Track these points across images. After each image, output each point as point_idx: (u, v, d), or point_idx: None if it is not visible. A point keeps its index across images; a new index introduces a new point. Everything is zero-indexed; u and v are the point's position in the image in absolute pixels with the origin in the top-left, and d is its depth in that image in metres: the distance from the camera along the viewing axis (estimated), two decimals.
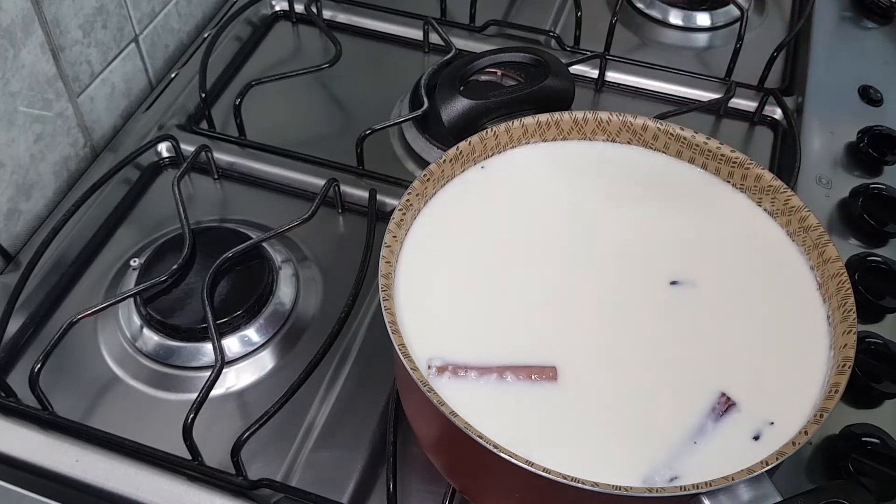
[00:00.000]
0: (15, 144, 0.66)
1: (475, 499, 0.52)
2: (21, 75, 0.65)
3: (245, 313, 0.62)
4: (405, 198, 0.51)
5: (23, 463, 0.55)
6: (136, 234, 0.70)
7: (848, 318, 0.46)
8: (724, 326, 0.49)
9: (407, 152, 0.76)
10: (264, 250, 0.65)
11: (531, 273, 0.51)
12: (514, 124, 0.55)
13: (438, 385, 0.46)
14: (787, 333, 0.49)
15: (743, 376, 0.47)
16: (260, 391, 0.60)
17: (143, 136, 0.75)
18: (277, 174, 0.73)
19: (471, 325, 0.49)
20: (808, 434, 0.42)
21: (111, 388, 0.60)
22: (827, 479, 0.56)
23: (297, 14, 0.88)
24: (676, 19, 0.89)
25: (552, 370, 0.46)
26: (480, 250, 0.52)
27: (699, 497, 0.40)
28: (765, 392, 0.46)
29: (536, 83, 0.71)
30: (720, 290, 0.51)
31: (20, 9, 0.63)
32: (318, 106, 0.81)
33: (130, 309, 0.62)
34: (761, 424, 0.45)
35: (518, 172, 0.56)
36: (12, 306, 0.61)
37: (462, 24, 0.86)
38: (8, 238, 0.68)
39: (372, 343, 0.63)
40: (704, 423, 0.45)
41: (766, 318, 0.49)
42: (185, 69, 0.81)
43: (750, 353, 0.48)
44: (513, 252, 0.52)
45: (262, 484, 0.54)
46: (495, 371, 0.47)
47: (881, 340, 0.60)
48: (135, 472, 0.54)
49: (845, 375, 0.44)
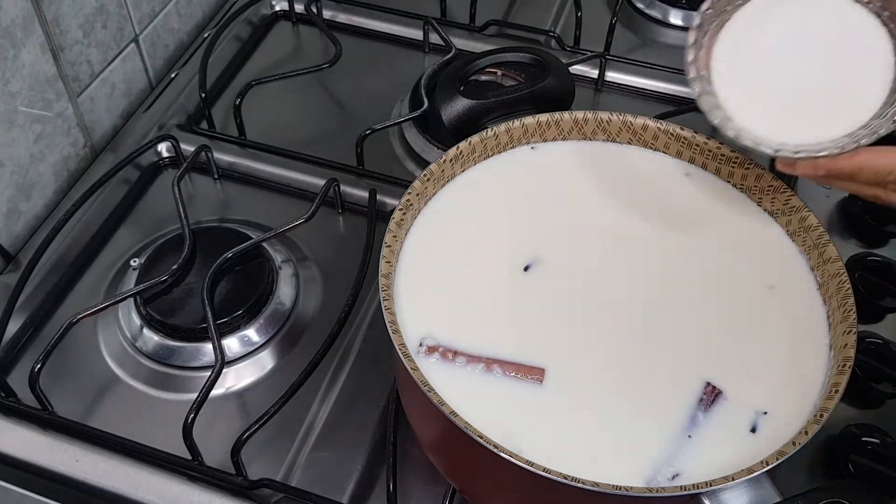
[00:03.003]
0: (15, 144, 0.66)
1: (475, 498, 0.52)
2: (21, 75, 0.65)
3: (245, 313, 0.62)
4: (405, 198, 0.51)
5: (23, 463, 0.55)
6: (136, 234, 0.70)
7: (848, 318, 0.46)
8: (722, 325, 0.49)
9: (407, 152, 0.76)
10: (264, 250, 0.65)
11: (530, 273, 0.51)
12: (514, 124, 0.55)
13: (426, 365, 0.46)
14: (786, 333, 0.49)
15: (734, 369, 0.47)
16: (260, 391, 0.60)
17: (143, 136, 0.75)
18: (277, 174, 0.73)
19: (470, 325, 0.49)
20: (808, 434, 0.42)
21: (111, 388, 0.60)
22: (827, 479, 0.56)
23: (297, 14, 0.88)
24: (676, 19, 0.89)
25: (540, 371, 0.47)
26: (480, 250, 0.52)
27: (699, 497, 0.40)
28: (755, 383, 0.47)
29: (536, 83, 0.71)
30: (720, 290, 0.51)
31: (20, 9, 0.63)
32: (318, 106, 0.81)
33: (130, 309, 0.62)
34: (754, 415, 0.45)
35: (518, 172, 0.56)
36: (12, 306, 0.61)
37: (462, 24, 0.86)
38: (8, 238, 0.68)
39: (372, 343, 0.63)
40: (694, 414, 0.45)
41: (765, 318, 0.49)
42: (185, 69, 0.81)
43: (746, 350, 0.48)
44: (512, 252, 0.52)
45: (262, 484, 0.54)
46: (483, 361, 0.47)
47: (881, 340, 0.60)
48: (135, 472, 0.54)
49: (845, 375, 0.44)
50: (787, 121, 0.49)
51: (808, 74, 0.50)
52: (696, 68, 0.51)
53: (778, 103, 0.50)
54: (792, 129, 0.49)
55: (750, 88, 0.51)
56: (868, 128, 0.47)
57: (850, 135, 0.47)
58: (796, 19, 0.51)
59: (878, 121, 0.47)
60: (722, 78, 0.51)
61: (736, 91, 0.51)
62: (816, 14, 0.51)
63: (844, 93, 0.49)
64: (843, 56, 0.50)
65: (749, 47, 0.51)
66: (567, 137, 0.57)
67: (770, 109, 0.50)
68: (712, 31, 0.51)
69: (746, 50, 0.51)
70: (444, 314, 0.49)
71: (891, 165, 0.46)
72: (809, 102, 0.50)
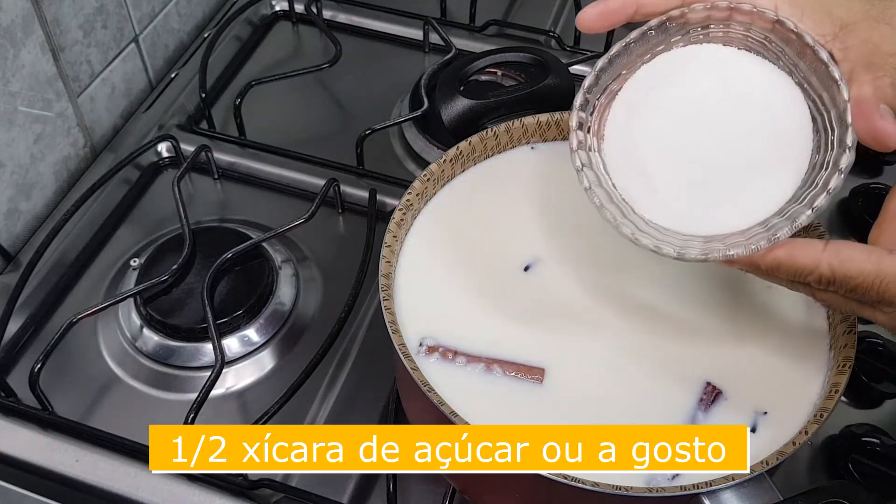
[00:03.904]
0: (15, 144, 0.66)
1: (475, 498, 0.52)
2: (21, 75, 0.65)
3: (245, 313, 0.62)
4: (405, 198, 0.51)
5: (23, 463, 0.55)
6: (136, 234, 0.70)
7: (848, 318, 0.46)
8: (722, 325, 0.49)
9: (407, 152, 0.76)
10: (264, 250, 0.65)
11: (530, 273, 0.51)
12: (514, 124, 0.55)
13: (426, 365, 0.46)
14: (786, 333, 0.49)
15: (734, 369, 0.47)
16: (260, 391, 0.60)
17: (143, 136, 0.75)
18: (277, 174, 0.73)
19: (470, 325, 0.49)
20: (808, 434, 0.42)
21: (111, 388, 0.60)
22: (827, 479, 0.56)
23: (297, 14, 0.88)
24: None
25: (540, 371, 0.47)
26: (480, 250, 0.52)
27: (699, 497, 0.40)
28: (755, 383, 0.47)
29: (536, 83, 0.71)
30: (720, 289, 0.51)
31: (20, 9, 0.63)
32: (318, 106, 0.81)
33: (130, 309, 0.62)
34: (754, 415, 0.45)
35: (518, 172, 0.56)
36: (12, 306, 0.61)
37: (462, 24, 0.86)
38: (8, 238, 0.68)
39: (372, 343, 0.63)
40: (694, 414, 0.45)
41: (765, 318, 0.49)
42: (185, 69, 0.81)
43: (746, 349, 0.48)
44: (512, 252, 0.52)
45: (262, 484, 0.54)
46: (483, 361, 0.47)
47: (881, 340, 0.60)
48: (135, 472, 0.54)
49: (845, 375, 0.44)
50: (693, 210, 0.44)
51: (716, 150, 0.44)
52: (586, 153, 0.45)
53: (683, 190, 0.44)
54: (701, 219, 0.43)
55: (648, 174, 0.44)
56: (784, 215, 0.41)
57: (765, 223, 0.42)
58: (695, 83, 0.44)
59: (796, 206, 0.41)
60: (616, 164, 0.45)
61: (632, 179, 0.45)
62: (719, 76, 0.44)
63: (759, 170, 0.43)
64: (754, 127, 0.43)
65: (643, 122, 0.45)
66: (567, 137, 0.57)
67: (672, 197, 0.44)
68: (602, 106, 0.45)
69: (640, 127, 0.45)
70: (444, 314, 0.49)
71: (811, 265, 0.39)
72: (719, 185, 0.43)
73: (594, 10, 0.43)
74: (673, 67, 0.45)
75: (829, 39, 0.42)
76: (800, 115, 0.43)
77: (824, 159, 0.41)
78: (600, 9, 0.43)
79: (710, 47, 0.45)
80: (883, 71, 0.40)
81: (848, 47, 0.41)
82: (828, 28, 0.42)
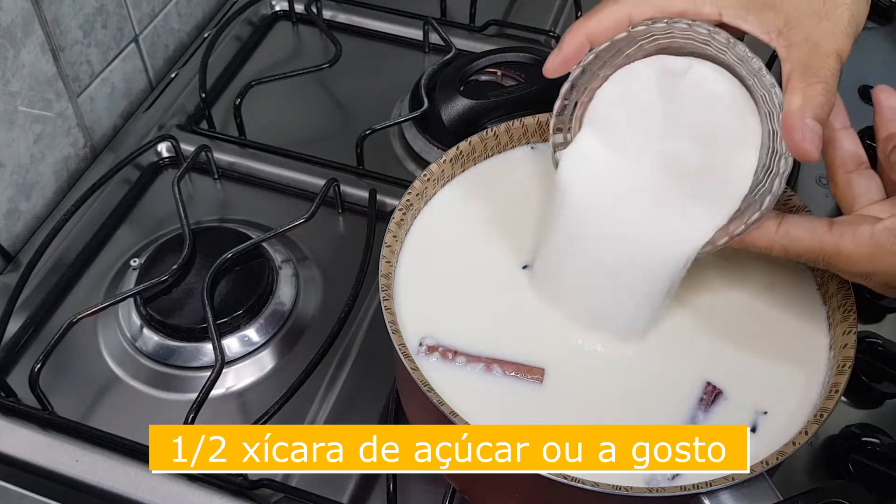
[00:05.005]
0: (15, 144, 0.66)
1: (475, 498, 0.52)
2: (21, 75, 0.65)
3: (245, 313, 0.62)
4: (405, 198, 0.51)
5: (23, 463, 0.55)
6: (136, 234, 0.70)
7: (848, 318, 0.46)
8: (722, 325, 0.49)
9: (407, 152, 0.76)
10: (264, 250, 0.65)
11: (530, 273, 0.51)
12: (514, 124, 0.55)
13: (426, 365, 0.46)
14: (786, 333, 0.49)
15: (734, 369, 0.47)
16: (260, 391, 0.60)
17: (143, 136, 0.75)
18: (277, 174, 0.73)
19: (470, 325, 0.49)
20: (808, 434, 0.42)
21: (111, 388, 0.60)
22: (827, 479, 0.56)
23: (297, 14, 0.88)
24: None
25: (540, 371, 0.47)
26: (480, 250, 0.52)
27: (699, 497, 0.40)
28: (755, 383, 0.47)
29: (536, 83, 0.71)
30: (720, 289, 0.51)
31: (20, 9, 0.63)
32: (318, 106, 0.81)
33: (130, 309, 0.62)
34: (754, 415, 0.45)
35: (518, 172, 0.56)
36: (12, 306, 0.61)
37: (462, 24, 0.86)
38: (8, 238, 0.68)
39: (372, 343, 0.63)
40: (694, 414, 0.45)
41: (765, 318, 0.49)
42: (185, 69, 0.81)
43: (746, 349, 0.48)
44: (512, 252, 0.52)
45: (262, 484, 0.54)
46: (483, 361, 0.47)
47: (881, 340, 0.60)
48: (135, 472, 0.54)
49: (845, 375, 0.44)
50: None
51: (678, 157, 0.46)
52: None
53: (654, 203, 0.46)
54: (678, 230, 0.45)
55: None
56: (754, 194, 0.44)
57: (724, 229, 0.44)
58: (647, 98, 0.46)
59: (758, 193, 0.43)
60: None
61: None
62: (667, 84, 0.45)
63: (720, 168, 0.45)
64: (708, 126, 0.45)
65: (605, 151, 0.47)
66: None
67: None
68: (583, 104, 0.48)
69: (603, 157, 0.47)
70: (444, 314, 0.49)
71: (768, 247, 0.43)
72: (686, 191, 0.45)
73: (556, 61, 0.47)
74: (625, 85, 0.47)
75: (774, 36, 0.42)
76: (742, 100, 0.44)
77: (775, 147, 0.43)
78: (560, 58, 0.47)
79: (658, 58, 0.46)
80: (817, 77, 0.41)
81: (791, 45, 0.42)
82: (772, 23, 0.42)
